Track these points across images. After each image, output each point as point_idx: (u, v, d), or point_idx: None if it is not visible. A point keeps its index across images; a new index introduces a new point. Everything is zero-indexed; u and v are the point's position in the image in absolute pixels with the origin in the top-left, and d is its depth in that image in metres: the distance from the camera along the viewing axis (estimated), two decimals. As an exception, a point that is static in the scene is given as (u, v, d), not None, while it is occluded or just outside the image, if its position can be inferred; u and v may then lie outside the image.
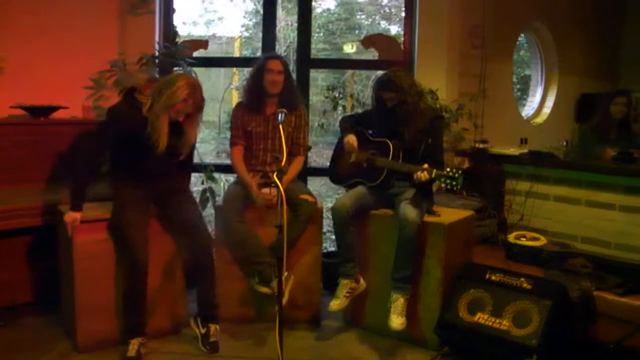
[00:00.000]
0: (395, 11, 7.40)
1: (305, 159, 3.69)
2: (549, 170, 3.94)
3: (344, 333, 3.36)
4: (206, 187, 3.87)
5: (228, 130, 3.76)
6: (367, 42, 4.41)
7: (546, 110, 5.58)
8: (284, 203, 2.48)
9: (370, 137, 3.32)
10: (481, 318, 2.90)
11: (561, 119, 5.53)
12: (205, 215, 3.60)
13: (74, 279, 2.91)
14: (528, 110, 5.66)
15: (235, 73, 5.92)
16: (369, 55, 4.94)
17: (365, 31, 7.29)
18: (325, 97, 4.29)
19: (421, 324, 3.14)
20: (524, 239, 3.59)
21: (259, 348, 3.13)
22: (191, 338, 3.12)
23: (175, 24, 4.20)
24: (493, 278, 3.00)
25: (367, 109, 3.56)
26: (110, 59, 3.67)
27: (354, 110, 4.08)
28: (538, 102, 5.62)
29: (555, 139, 4.40)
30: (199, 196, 3.80)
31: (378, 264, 3.25)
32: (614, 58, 6.07)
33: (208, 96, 3.20)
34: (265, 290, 3.18)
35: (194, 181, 3.90)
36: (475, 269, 3.12)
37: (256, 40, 6.62)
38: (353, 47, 6.35)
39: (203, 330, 3.06)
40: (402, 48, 4.32)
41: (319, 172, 4.68)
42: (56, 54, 3.72)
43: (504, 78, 4.96)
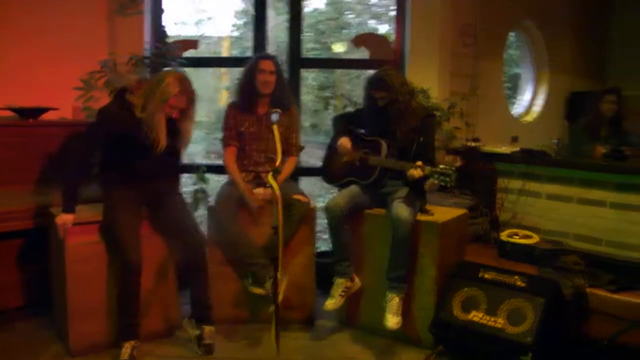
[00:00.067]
0: (384, 10, 7.39)
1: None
2: (540, 168, 3.96)
3: (338, 333, 3.35)
4: (198, 188, 3.84)
5: (218, 131, 3.73)
6: (358, 42, 4.41)
7: (536, 108, 5.62)
8: (280, 203, 2.46)
9: (363, 136, 3.31)
10: (475, 316, 2.91)
11: (551, 117, 5.56)
12: (197, 216, 3.58)
13: (66, 282, 2.88)
14: (518, 108, 5.68)
15: (225, 73, 5.89)
16: (359, 54, 4.93)
17: (354, 30, 7.26)
18: (316, 97, 4.27)
19: (416, 323, 3.14)
20: (517, 237, 3.59)
21: (254, 349, 3.12)
22: (185, 340, 3.10)
23: (164, 24, 4.17)
24: (487, 276, 3.01)
25: (359, 108, 3.56)
26: (100, 59, 3.64)
27: (346, 110, 4.07)
28: (528, 101, 5.65)
29: (545, 137, 4.40)
30: (191, 197, 3.77)
31: (372, 264, 3.25)
32: (602, 57, 6.11)
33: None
34: (259, 291, 3.16)
35: (185, 182, 3.88)
36: (469, 267, 3.12)
37: (245, 40, 6.58)
38: (342, 47, 6.33)
39: (197, 331, 3.03)
40: (393, 47, 4.32)
41: (309, 172, 4.67)
42: (45, 55, 3.69)
43: (494, 76, 4.99)
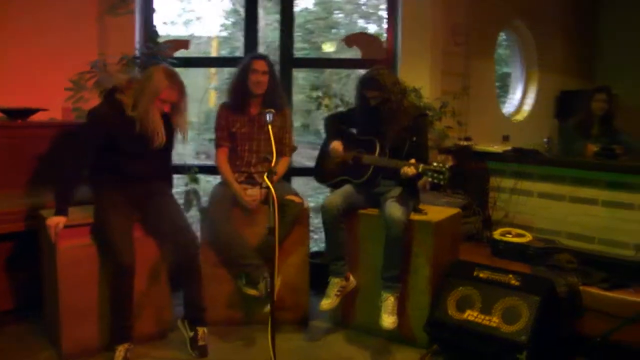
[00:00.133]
0: (373, 10, 7.38)
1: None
2: (532, 167, 3.97)
3: (332, 333, 3.35)
4: (190, 189, 3.81)
5: (207, 132, 3.71)
6: (350, 41, 4.40)
7: (526, 107, 5.64)
8: (276, 204, 2.45)
9: (356, 136, 3.31)
10: (470, 315, 2.91)
11: (541, 116, 5.59)
12: (189, 217, 3.55)
13: (58, 285, 2.84)
14: (509, 107, 5.70)
15: (214, 73, 5.86)
16: (349, 54, 4.93)
17: (343, 30, 7.25)
18: (308, 97, 4.26)
19: (410, 323, 3.14)
20: (510, 236, 3.60)
21: (248, 350, 3.10)
22: (179, 343, 3.07)
23: (155, 24, 4.14)
24: (481, 275, 3.01)
25: (351, 107, 3.55)
26: (91, 60, 3.61)
27: (338, 109, 4.06)
28: (519, 100, 5.67)
29: (535, 136, 4.44)
30: (183, 198, 3.74)
31: (366, 264, 3.25)
32: (592, 56, 6.16)
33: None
34: (252, 292, 3.15)
35: (175, 183, 3.84)
36: (463, 266, 3.13)
37: (235, 40, 6.55)
38: (332, 46, 6.32)
39: (191, 333, 3.01)
40: (385, 46, 4.32)
41: (301, 172, 4.65)
42: (35, 55, 3.66)
43: (486, 76, 5.00)
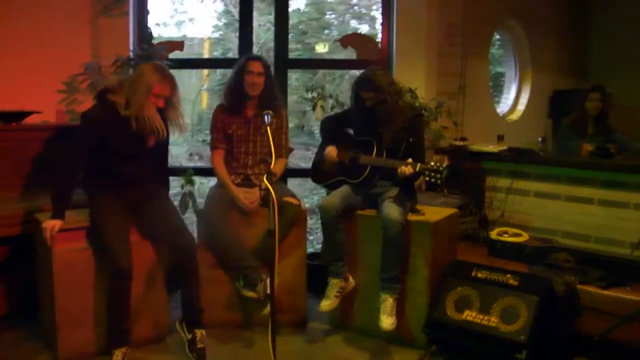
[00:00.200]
0: (365, 10, 7.38)
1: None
2: (528, 167, 3.97)
3: (331, 335, 3.34)
4: (186, 191, 3.79)
5: (199, 133, 3.69)
6: (345, 42, 4.39)
7: (520, 107, 5.65)
8: (276, 206, 2.43)
9: (353, 137, 3.30)
10: (469, 315, 2.91)
11: (535, 115, 5.61)
12: (185, 219, 3.53)
13: (54, 290, 2.81)
14: (503, 107, 5.72)
15: (207, 75, 5.84)
16: (342, 54, 4.92)
17: (336, 30, 7.24)
18: (303, 99, 4.25)
19: (409, 323, 3.13)
20: (507, 235, 3.60)
21: (247, 353, 3.09)
22: (176, 346, 3.05)
23: (149, 26, 4.12)
24: (479, 275, 3.01)
25: (347, 108, 3.54)
26: (85, 62, 3.58)
27: (334, 110, 4.06)
28: (513, 99, 5.69)
29: (529, 136, 4.44)
30: (178, 200, 3.72)
31: (365, 265, 3.24)
32: (584, 55, 6.18)
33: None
34: (251, 294, 3.13)
35: (170, 184, 3.83)
36: (461, 266, 3.12)
37: (227, 41, 6.53)
38: (325, 47, 6.30)
39: (189, 335, 2.98)
40: (380, 47, 4.32)
41: (296, 173, 4.64)
42: (28, 58, 3.62)
43: (480, 75, 5.00)
